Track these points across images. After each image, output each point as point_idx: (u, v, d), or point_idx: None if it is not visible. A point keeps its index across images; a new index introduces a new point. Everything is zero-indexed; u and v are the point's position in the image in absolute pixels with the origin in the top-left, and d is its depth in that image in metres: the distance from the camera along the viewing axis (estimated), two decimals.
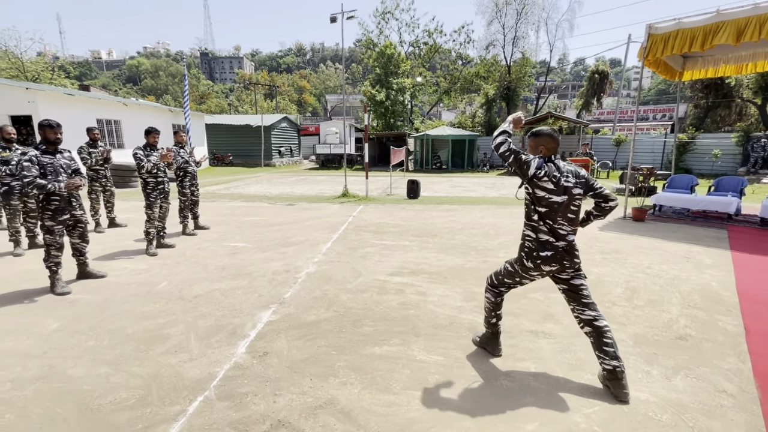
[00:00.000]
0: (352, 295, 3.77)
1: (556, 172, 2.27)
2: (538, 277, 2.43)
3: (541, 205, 2.30)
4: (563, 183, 2.27)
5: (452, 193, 11.81)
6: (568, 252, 2.32)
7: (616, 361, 2.24)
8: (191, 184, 6.01)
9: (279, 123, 24.83)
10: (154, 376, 2.45)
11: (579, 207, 2.36)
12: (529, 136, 2.44)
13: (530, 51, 27.20)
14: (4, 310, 3.43)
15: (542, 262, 2.32)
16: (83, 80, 66.48)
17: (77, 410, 2.14)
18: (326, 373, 2.48)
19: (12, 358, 2.65)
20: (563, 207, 2.29)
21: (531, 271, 2.39)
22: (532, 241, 2.36)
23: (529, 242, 2.37)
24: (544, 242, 2.32)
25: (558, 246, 2.30)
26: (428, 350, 2.77)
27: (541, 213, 2.31)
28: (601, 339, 2.29)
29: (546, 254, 2.30)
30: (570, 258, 2.33)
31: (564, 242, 2.32)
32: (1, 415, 2.10)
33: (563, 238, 2.32)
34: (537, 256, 2.32)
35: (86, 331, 3.05)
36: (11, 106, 12.13)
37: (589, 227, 6.69)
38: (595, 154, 14.40)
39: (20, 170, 3.53)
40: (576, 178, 2.33)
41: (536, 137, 2.39)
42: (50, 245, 3.77)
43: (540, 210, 2.31)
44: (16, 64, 30.46)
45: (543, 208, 2.30)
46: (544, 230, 2.32)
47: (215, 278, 4.22)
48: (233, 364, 2.58)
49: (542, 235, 2.32)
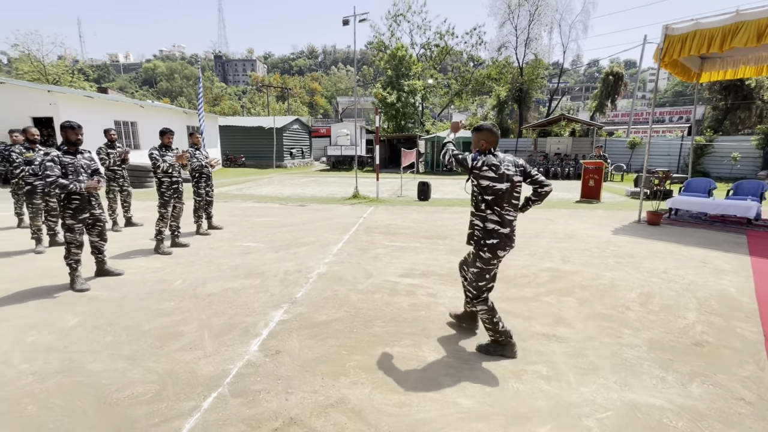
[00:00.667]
0: (363, 295, 3.79)
1: (495, 162, 2.48)
2: (498, 262, 2.65)
3: (488, 194, 2.50)
4: (503, 171, 2.49)
5: (463, 195, 11.76)
6: (509, 237, 2.57)
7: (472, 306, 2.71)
8: (206, 184, 6.11)
9: (291, 125, 25.08)
10: (170, 372, 2.50)
11: (520, 193, 2.62)
12: (472, 131, 2.62)
13: (543, 53, 27.01)
14: (27, 305, 3.54)
15: (493, 249, 2.54)
16: (101, 83, 68.15)
17: (96, 403, 2.20)
18: (337, 373, 2.50)
19: (34, 352, 2.74)
20: (507, 193, 2.52)
21: (491, 261, 2.60)
22: (480, 230, 2.57)
23: (478, 231, 2.58)
24: (491, 230, 2.53)
25: (503, 233, 2.54)
26: (439, 352, 2.77)
27: (488, 201, 2.52)
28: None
29: (492, 242, 2.53)
30: (511, 242, 2.59)
31: (508, 228, 2.56)
32: (24, 407, 2.17)
33: (509, 224, 2.56)
34: (485, 243, 2.54)
35: (104, 326, 3.13)
36: (33, 108, 12.51)
37: (603, 231, 6.60)
38: (609, 156, 14.19)
39: (43, 170, 3.64)
40: (515, 167, 2.58)
41: (478, 132, 2.59)
42: (70, 243, 3.88)
43: (487, 198, 2.51)
44: (38, 68, 31.39)
45: (489, 196, 2.50)
46: (492, 219, 2.53)
47: (228, 277, 4.29)
48: (246, 362, 2.62)
49: (489, 224, 2.54)
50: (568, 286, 4.06)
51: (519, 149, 22.28)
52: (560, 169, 17.70)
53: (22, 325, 3.13)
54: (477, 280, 2.64)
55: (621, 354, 2.74)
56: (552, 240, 5.99)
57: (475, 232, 2.60)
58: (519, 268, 4.64)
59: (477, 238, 2.58)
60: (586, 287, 4.03)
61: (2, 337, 2.94)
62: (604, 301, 3.66)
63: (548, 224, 7.21)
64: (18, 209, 6.56)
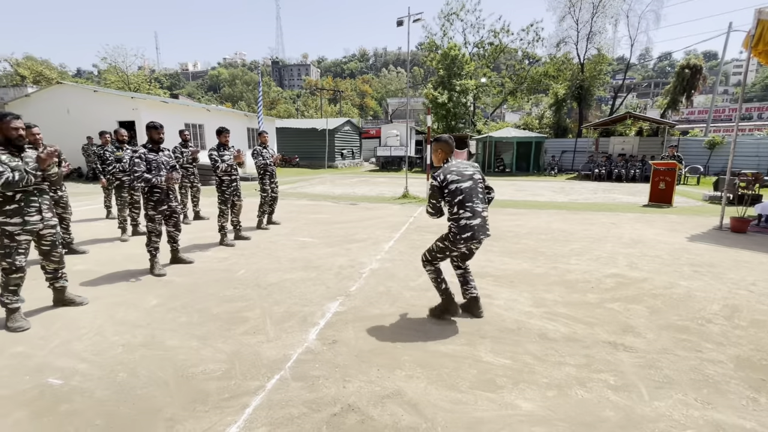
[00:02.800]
0: (416, 293, 3.80)
1: (454, 167, 2.93)
2: (465, 249, 3.04)
3: (458, 195, 2.88)
4: (464, 171, 2.93)
5: (517, 197, 11.34)
6: (482, 227, 2.93)
7: (476, 291, 3.23)
8: (271, 181, 6.45)
9: (342, 126, 25.73)
10: (237, 353, 2.68)
11: (484, 188, 3.06)
12: (432, 142, 3.06)
13: (607, 47, 25.22)
14: (117, 285, 3.97)
15: (465, 241, 2.90)
16: (173, 90, 74.53)
17: (175, 376, 2.42)
18: (392, 365, 2.53)
19: (123, 326, 3.07)
20: (473, 189, 2.93)
21: (458, 246, 2.96)
22: (455, 228, 2.91)
23: (454, 230, 2.92)
24: (464, 226, 2.88)
25: (475, 224, 2.89)
26: (495, 353, 2.70)
27: (460, 201, 2.88)
28: (467, 278, 3.23)
29: (466, 235, 2.89)
30: (484, 232, 2.95)
31: (480, 219, 2.91)
32: (117, 373, 2.44)
33: (479, 214, 2.91)
34: (460, 238, 2.91)
35: (179, 308, 3.42)
36: (119, 113, 14.00)
37: (676, 237, 6.05)
38: (683, 157, 12.86)
39: (131, 165, 4.07)
40: (472, 167, 3.03)
41: (436, 143, 3.03)
42: (151, 232, 4.29)
43: (458, 199, 2.88)
44: (122, 78, 35.08)
45: (459, 196, 2.88)
46: (465, 215, 2.88)
47: (287, 269, 4.50)
48: (305, 349, 2.74)
49: (462, 221, 2.88)
50: (636, 294, 3.76)
51: (578, 149, 21.03)
52: (625, 171, 16.45)
53: (112, 303, 3.52)
54: (438, 251, 3.04)
55: (702, 369, 2.49)
56: (617, 245, 5.59)
57: (451, 230, 2.94)
58: (581, 273, 4.39)
59: (453, 234, 2.93)
60: (657, 296, 3.71)
61: (97, 312, 3.33)
62: (679, 312, 3.35)
63: (612, 228, 6.74)
64: (107, 202, 7.38)
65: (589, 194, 12.05)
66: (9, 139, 2.92)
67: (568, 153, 21.22)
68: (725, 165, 12.58)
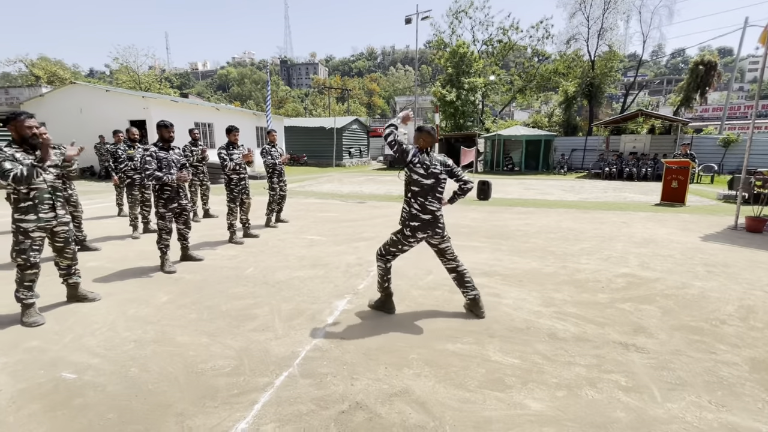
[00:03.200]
0: (424, 291, 3.79)
1: (427, 161, 2.94)
2: (415, 243, 3.09)
3: (415, 186, 2.96)
4: (432, 170, 2.95)
5: (525, 195, 11.25)
6: (432, 223, 3.01)
7: (474, 291, 3.20)
8: (279, 180, 6.48)
9: (350, 125, 25.75)
10: (245, 350, 2.70)
11: (444, 188, 3.06)
12: (416, 131, 3.03)
13: (618, 43, 24.83)
14: (128, 282, 4.03)
15: (413, 230, 3.00)
16: (183, 89, 75.28)
17: (185, 371, 2.45)
18: (400, 364, 2.53)
19: (135, 322, 3.11)
20: (431, 187, 2.97)
21: (409, 239, 3.04)
22: (405, 213, 3.03)
23: (404, 213, 3.04)
24: (414, 215, 2.99)
25: (424, 218, 2.98)
26: (504, 352, 2.68)
27: (414, 192, 2.97)
28: (463, 278, 3.19)
29: (414, 224, 2.99)
30: (433, 228, 3.02)
31: (430, 215, 2.99)
32: (128, 368, 2.48)
33: (431, 212, 3.00)
34: (408, 225, 3.00)
35: (189, 305, 3.46)
36: (130, 112, 14.19)
37: (689, 237, 5.95)
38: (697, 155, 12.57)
39: (143, 164, 4.12)
40: (443, 167, 3.02)
41: (419, 132, 3.02)
42: (162, 229, 4.34)
43: (413, 189, 2.97)
44: (133, 77, 35.54)
45: (415, 187, 2.97)
46: (416, 206, 2.98)
47: (295, 267, 4.52)
48: (313, 346, 2.75)
49: (413, 209, 2.99)
50: (648, 294, 3.71)
51: (588, 148, 20.77)
52: (636, 170, 16.21)
53: (124, 299, 3.57)
54: (391, 245, 3.12)
55: (716, 371, 2.44)
56: (628, 244, 5.51)
57: (403, 214, 3.06)
58: (591, 272, 4.33)
59: (403, 218, 3.04)
60: (669, 296, 3.65)
61: (110, 308, 3.38)
62: (692, 313, 3.29)
63: (622, 228, 6.65)
64: (119, 200, 7.49)
65: (600, 193, 11.90)
66: (23, 137, 2.98)
67: (578, 151, 20.97)
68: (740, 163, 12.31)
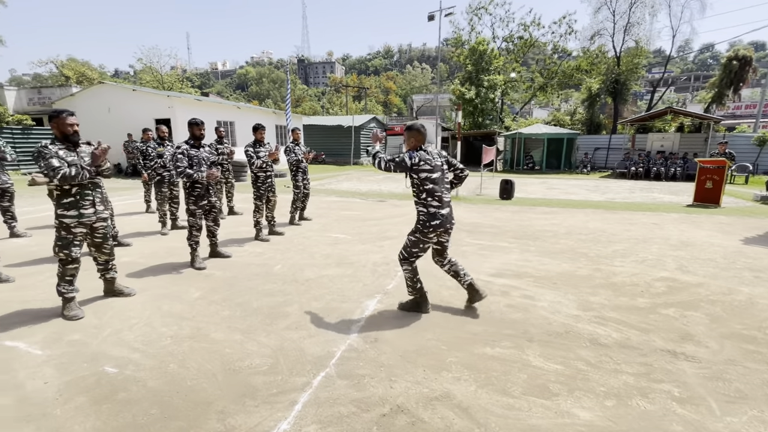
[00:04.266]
0: (454, 292, 3.71)
1: (427, 156, 2.98)
2: (435, 239, 3.10)
3: (427, 184, 2.98)
4: (435, 162, 3.00)
5: (549, 195, 11.00)
6: (449, 216, 3.06)
7: (468, 277, 3.27)
8: (303, 178, 6.50)
9: (368, 123, 25.75)
10: (280, 348, 2.69)
11: (448, 177, 3.17)
12: (405, 130, 3.09)
13: (645, 39, 24.02)
14: (160, 278, 4.09)
15: (434, 229, 2.99)
16: (203, 88, 76.76)
17: (223, 369, 2.45)
18: (438, 367, 2.47)
19: (170, 318, 3.14)
20: (441, 179, 3.02)
21: (431, 238, 3.06)
22: (424, 215, 3.01)
23: (423, 216, 3.02)
24: (433, 214, 2.99)
25: (443, 213, 3.00)
26: (545, 357, 2.59)
27: (428, 190, 2.98)
28: (457, 270, 3.26)
29: (435, 223, 2.98)
30: (450, 220, 3.07)
31: (448, 208, 3.05)
32: (168, 364, 2.49)
33: (447, 203, 3.05)
34: (429, 226, 2.99)
35: (221, 302, 3.48)
36: (155, 111, 14.52)
37: (729, 240, 5.69)
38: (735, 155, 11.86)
39: (174, 161, 4.17)
40: (441, 158, 3.11)
41: (408, 131, 3.06)
42: (192, 226, 4.39)
43: (427, 188, 2.98)
44: (156, 77, 36.42)
45: (429, 185, 2.98)
46: (434, 204, 2.99)
47: (322, 265, 4.51)
48: (348, 346, 2.72)
49: (431, 209, 2.99)
50: (691, 300, 3.54)
51: (612, 146, 20.19)
52: (664, 169, 15.66)
53: (158, 295, 3.62)
54: (411, 246, 3.10)
55: None
56: (664, 247, 5.30)
57: (420, 218, 3.03)
58: (627, 275, 4.18)
59: (423, 221, 3.01)
60: (716, 302, 3.48)
61: (145, 303, 3.43)
62: (743, 321, 3.12)
63: (655, 229, 6.40)
64: (147, 196, 7.65)
65: (627, 193, 11.54)
66: (65, 135, 3.04)
67: (602, 150, 20.40)
68: None
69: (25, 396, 2.18)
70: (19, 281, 3.94)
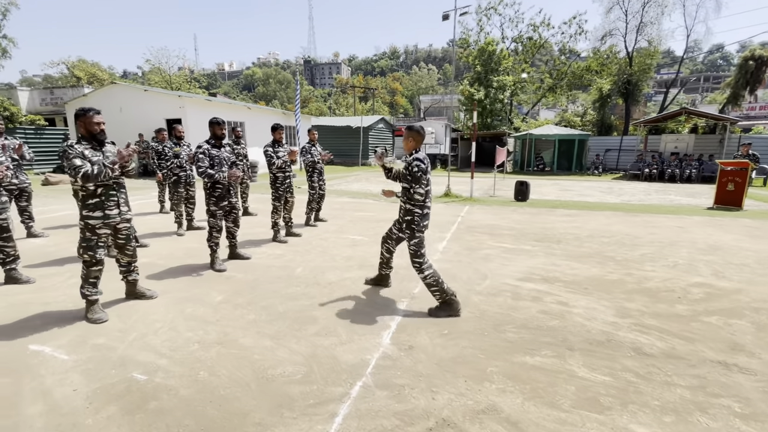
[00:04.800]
0: (484, 297, 3.60)
1: (425, 158, 3.11)
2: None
3: (428, 185, 3.13)
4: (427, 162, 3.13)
5: (564, 197, 10.83)
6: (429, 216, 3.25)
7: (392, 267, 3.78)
8: (319, 179, 6.42)
9: (376, 124, 25.66)
10: (313, 356, 2.59)
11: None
12: (406, 129, 3.19)
13: (658, 39, 23.69)
14: (180, 279, 4.02)
15: (425, 226, 3.20)
16: (210, 89, 77.14)
17: (255, 377, 2.36)
18: (480, 377, 2.36)
19: (194, 322, 3.06)
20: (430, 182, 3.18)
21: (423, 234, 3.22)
22: (419, 216, 3.14)
23: (417, 217, 3.14)
24: (426, 214, 3.18)
25: (430, 211, 3.23)
26: (590, 368, 2.47)
27: (428, 191, 3.14)
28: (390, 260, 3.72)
29: (426, 222, 3.20)
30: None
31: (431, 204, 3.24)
32: (197, 371, 2.41)
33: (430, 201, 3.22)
34: (423, 225, 3.17)
35: (245, 305, 3.39)
36: (166, 111, 14.53)
37: (759, 244, 5.54)
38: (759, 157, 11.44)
39: (196, 161, 4.10)
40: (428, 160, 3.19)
41: (410, 131, 3.16)
42: (212, 227, 4.32)
43: (427, 189, 3.13)
44: (165, 78, 36.65)
45: (428, 186, 3.14)
46: (429, 203, 3.18)
47: (343, 267, 4.41)
48: (382, 354, 2.61)
49: (425, 210, 3.16)
50: (733, 307, 3.40)
51: (624, 148, 19.92)
52: (679, 171, 15.40)
53: (180, 297, 3.55)
54: (419, 248, 3.18)
55: None
56: (693, 251, 5.14)
57: (415, 219, 3.14)
58: (661, 280, 4.03)
59: (417, 222, 3.14)
60: (760, 310, 3.33)
61: (168, 306, 3.35)
62: None
63: (680, 233, 6.24)
64: (161, 197, 7.61)
65: (643, 195, 11.34)
66: (91, 133, 2.97)
67: (613, 152, 20.16)
68: None
69: (55, 404, 2.11)
70: (39, 282, 3.88)
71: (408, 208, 3.17)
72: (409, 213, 3.16)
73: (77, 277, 3.93)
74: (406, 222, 3.20)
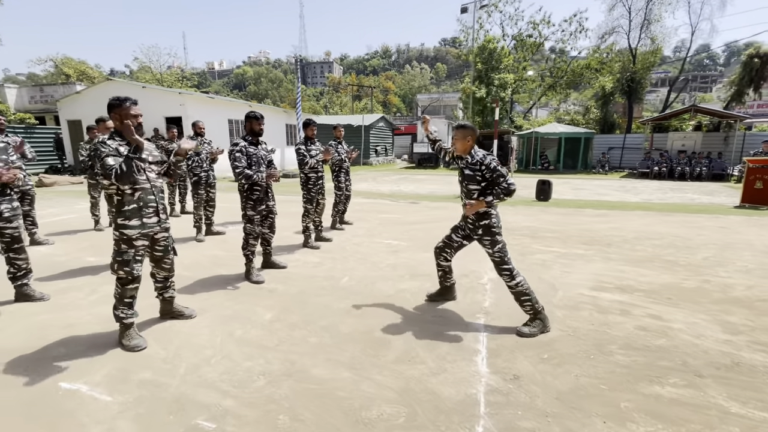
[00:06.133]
0: (566, 311, 3.22)
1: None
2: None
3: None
4: None
5: (580, 196, 10.56)
6: None
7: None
8: (345, 179, 5.99)
9: (377, 123, 25.24)
10: (406, 390, 2.18)
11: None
12: (460, 128, 2.86)
13: (662, 36, 23.63)
14: (217, 294, 3.56)
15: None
16: (200, 88, 75.65)
17: (347, 421, 1.94)
18: (617, 415, 1.98)
19: (250, 348, 2.62)
20: None
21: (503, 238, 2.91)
22: (495, 217, 2.85)
23: (495, 219, 2.85)
24: (498, 213, 2.88)
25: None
26: (738, 401, 2.10)
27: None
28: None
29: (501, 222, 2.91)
30: None
31: None
32: (275, 416, 1.98)
33: None
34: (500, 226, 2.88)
35: (302, 325, 2.96)
36: (166, 109, 13.92)
37: None
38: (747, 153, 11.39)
39: (233, 161, 3.65)
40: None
41: (464, 129, 2.85)
42: (249, 234, 3.87)
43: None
44: (156, 76, 35.69)
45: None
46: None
47: (394, 277, 4.00)
48: (487, 387, 2.21)
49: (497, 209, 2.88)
50: None
51: (627, 146, 19.84)
52: (689, 169, 15.28)
53: (222, 316, 3.10)
54: (504, 253, 2.83)
55: None
56: (756, 254, 4.84)
57: (492, 220, 2.83)
58: (745, 288, 3.70)
59: (495, 224, 2.83)
60: None
61: (212, 328, 2.91)
62: None
63: (729, 234, 5.95)
64: (170, 198, 7.09)
65: (659, 194, 11.13)
66: None
67: (616, 150, 20.06)
68: None
69: None
70: (54, 299, 3.39)
71: (487, 213, 2.83)
72: (485, 216, 2.83)
73: (99, 294, 3.47)
74: (484, 227, 2.84)
